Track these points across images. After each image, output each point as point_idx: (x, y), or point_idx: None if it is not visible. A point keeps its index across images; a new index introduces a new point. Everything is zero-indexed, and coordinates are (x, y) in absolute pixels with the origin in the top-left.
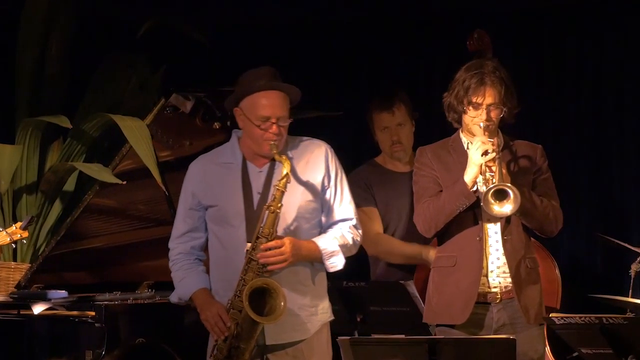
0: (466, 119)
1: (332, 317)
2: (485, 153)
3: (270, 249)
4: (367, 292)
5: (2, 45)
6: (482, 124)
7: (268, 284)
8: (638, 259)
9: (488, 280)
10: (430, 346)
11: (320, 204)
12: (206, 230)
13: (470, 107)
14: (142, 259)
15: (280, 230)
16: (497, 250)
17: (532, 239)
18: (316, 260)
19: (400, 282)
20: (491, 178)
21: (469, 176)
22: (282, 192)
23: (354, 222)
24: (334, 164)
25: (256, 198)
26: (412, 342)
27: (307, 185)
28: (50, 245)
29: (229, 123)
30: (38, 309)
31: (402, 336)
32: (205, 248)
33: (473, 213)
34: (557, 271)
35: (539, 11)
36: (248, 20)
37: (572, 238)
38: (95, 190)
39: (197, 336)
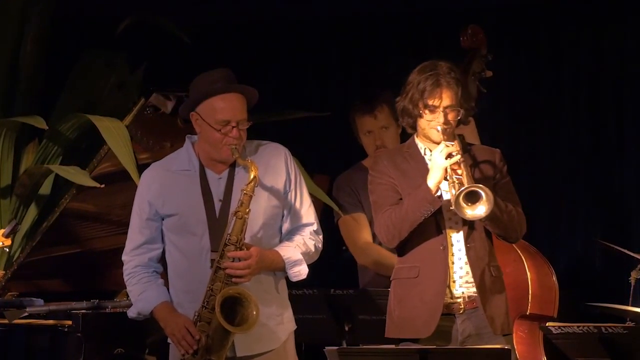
0: (422, 123)
1: (296, 326)
2: (450, 156)
3: (237, 259)
4: (355, 301)
5: None
6: (439, 128)
7: (240, 292)
8: (638, 266)
9: (451, 291)
10: (422, 356)
11: (282, 209)
12: (163, 241)
13: (427, 111)
14: (121, 265)
15: (246, 237)
16: (460, 259)
17: (528, 243)
18: (279, 269)
19: (390, 290)
20: (457, 181)
21: (432, 181)
22: (250, 197)
23: (314, 227)
24: (293, 168)
25: (217, 205)
26: (403, 353)
27: (271, 190)
28: (25, 252)
29: None
30: (13, 317)
31: (393, 346)
32: (161, 260)
33: (435, 220)
34: (554, 278)
35: (533, 6)
36: (232, 17)
37: (570, 244)
38: (72, 194)
39: None
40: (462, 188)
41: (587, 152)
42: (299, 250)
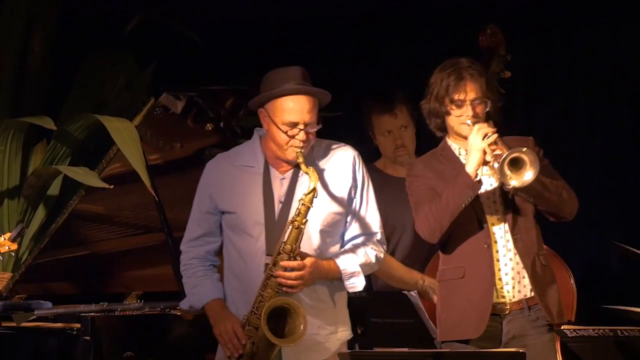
0: (451, 120)
1: (352, 335)
2: (486, 136)
3: (290, 269)
4: (368, 303)
5: None
6: (469, 122)
7: (289, 303)
8: None
9: (497, 290)
10: (435, 359)
11: (345, 216)
12: (221, 234)
13: (454, 106)
14: (131, 268)
15: (302, 245)
16: (505, 255)
17: (546, 246)
18: (335, 279)
19: (403, 292)
20: (499, 158)
21: (471, 164)
22: (308, 208)
23: (378, 236)
24: (361, 172)
25: (277, 207)
26: (416, 356)
27: (333, 197)
28: (33, 254)
29: (221, 124)
30: (21, 320)
31: (406, 349)
32: (219, 252)
33: (477, 218)
34: (572, 281)
35: (549, 5)
36: (243, 16)
37: (586, 247)
38: (81, 195)
39: (188, 350)
40: (504, 155)
41: (603, 154)
42: (357, 261)
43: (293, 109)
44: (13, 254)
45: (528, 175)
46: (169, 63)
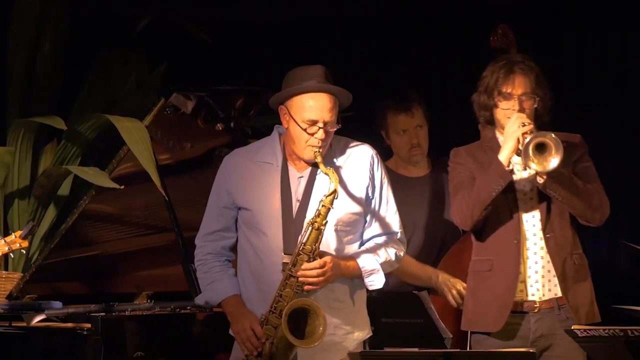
0: (498, 113)
1: (371, 334)
2: (523, 125)
3: (311, 269)
4: (378, 303)
5: None
6: (515, 115)
7: (309, 305)
8: None
9: (526, 287)
10: None
11: (363, 215)
12: (237, 230)
13: (502, 99)
14: (141, 268)
15: (322, 243)
16: (536, 253)
17: None
18: (355, 277)
19: (414, 292)
20: None
21: (504, 153)
22: (328, 209)
23: (398, 235)
24: (379, 171)
25: (295, 205)
26: (427, 356)
27: (351, 196)
28: (43, 254)
29: (232, 124)
30: (31, 320)
31: (416, 349)
32: (234, 248)
33: (510, 212)
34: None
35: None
36: (254, 16)
37: (596, 246)
38: (91, 196)
39: (199, 350)
40: (528, 139)
41: (613, 154)
42: (377, 260)
43: (313, 107)
44: (23, 252)
45: (553, 162)
46: (179, 63)
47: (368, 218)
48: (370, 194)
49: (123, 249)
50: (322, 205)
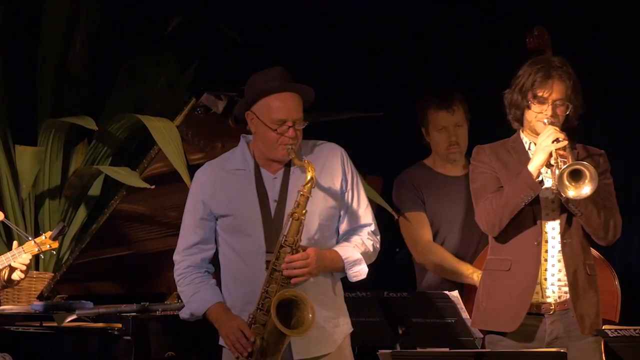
0: (529, 115)
1: (352, 329)
2: (557, 140)
3: (295, 261)
4: (409, 303)
5: (23, 44)
6: (546, 120)
7: (296, 295)
8: None
9: (542, 290)
10: None
11: (339, 209)
12: (216, 242)
13: (535, 102)
14: (172, 268)
15: (302, 239)
16: (553, 256)
17: (592, 249)
18: (338, 270)
19: (445, 292)
20: (562, 163)
21: (534, 164)
22: (307, 198)
23: (372, 227)
24: (349, 167)
25: (273, 206)
26: (457, 356)
27: (327, 191)
28: (74, 254)
29: None
30: (62, 320)
31: (447, 349)
32: (213, 260)
33: (532, 214)
34: (617, 283)
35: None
36: (285, 15)
37: (626, 246)
38: (122, 196)
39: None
40: (566, 165)
41: None
42: (358, 250)
43: (280, 107)
44: (54, 252)
45: (586, 189)
46: (210, 63)
47: (342, 212)
48: (344, 188)
49: (154, 249)
50: (301, 195)
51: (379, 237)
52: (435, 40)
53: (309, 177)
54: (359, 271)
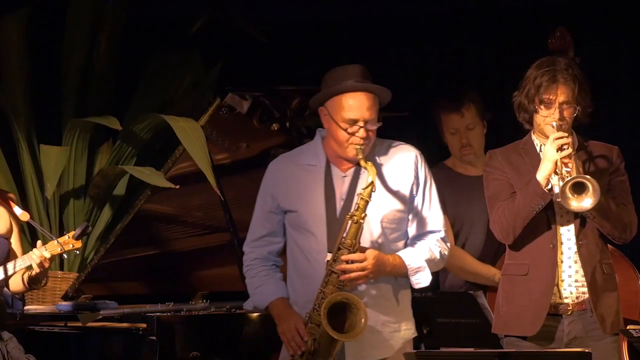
0: (538, 118)
1: (416, 334)
2: (561, 149)
3: (351, 262)
4: (434, 303)
5: (48, 44)
6: (554, 124)
7: (348, 298)
8: None
9: (559, 290)
10: None
11: (407, 213)
12: (284, 235)
13: (542, 106)
14: (197, 268)
15: (365, 242)
16: (570, 258)
17: (613, 247)
18: (400, 275)
19: (470, 292)
20: (567, 174)
21: (542, 173)
22: (367, 202)
23: (442, 234)
24: (423, 170)
25: (339, 205)
26: (482, 356)
27: (395, 193)
28: (99, 254)
29: (287, 124)
30: (87, 320)
31: (472, 349)
32: (282, 253)
33: (546, 218)
34: None
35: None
36: (310, 15)
37: None
38: (146, 196)
39: (254, 350)
40: (569, 178)
41: None
42: (422, 257)
43: (352, 106)
44: (78, 252)
45: (587, 202)
46: (235, 63)
47: (411, 216)
48: (414, 192)
49: (178, 249)
50: (361, 198)
51: (448, 244)
52: (462, 39)
53: (369, 181)
54: (421, 279)
